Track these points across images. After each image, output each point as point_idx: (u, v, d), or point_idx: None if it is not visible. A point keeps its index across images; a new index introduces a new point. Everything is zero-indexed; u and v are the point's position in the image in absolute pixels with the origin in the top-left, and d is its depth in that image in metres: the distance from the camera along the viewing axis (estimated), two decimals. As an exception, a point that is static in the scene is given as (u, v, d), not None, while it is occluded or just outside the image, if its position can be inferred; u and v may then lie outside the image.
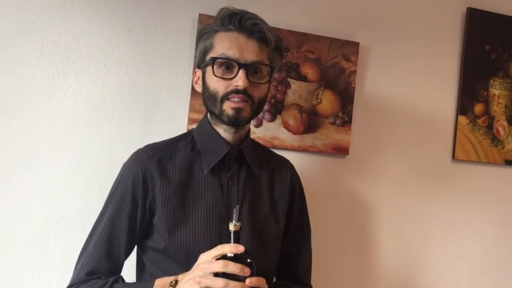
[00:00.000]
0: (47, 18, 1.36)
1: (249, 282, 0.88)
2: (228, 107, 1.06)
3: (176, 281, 0.95)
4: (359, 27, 1.62)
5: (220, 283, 0.87)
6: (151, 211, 1.09)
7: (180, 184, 1.09)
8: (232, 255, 0.89)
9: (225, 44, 1.07)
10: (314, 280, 1.29)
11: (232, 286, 0.87)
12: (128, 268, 1.18)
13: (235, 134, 1.12)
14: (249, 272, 0.88)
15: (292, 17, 1.54)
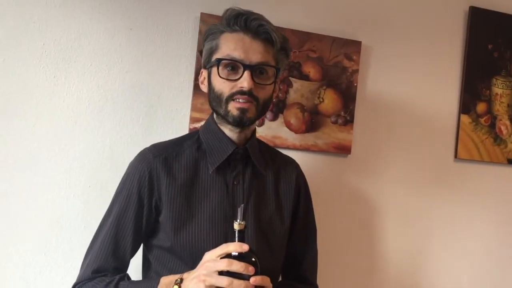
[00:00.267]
0: (48, 17, 1.36)
1: (253, 281, 0.88)
2: (233, 107, 1.07)
3: (181, 279, 0.96)
4: (361, 26, 1.61)
5: (225, 281, 0.87)
6: (157, 209, 1.09)
7: (185, 183, 1.10)
8: (237, 253, 0.89)
9: (230, 45, 1.07)
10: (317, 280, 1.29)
11: (236, 284, 0.87)
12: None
13: (240, 134, 1.12)
14: (253, 270, 0.88)
15: (294, 16, 1.54)
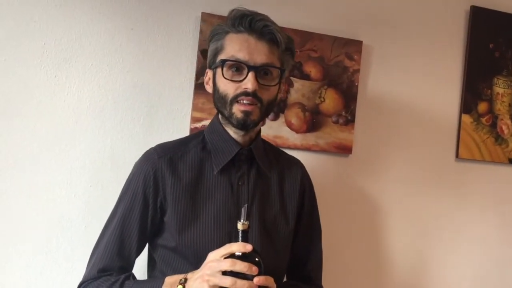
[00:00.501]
0: (49, 17, 1.35)
1: (257, 281, 0.88)
2: (237, 109, 1.07)
3: (185, 279, 0.96)
4: (362, 25, 1.61)
5: (228, 281, 0.88)
6: (162, 209, 1.10)
7: (190, 183, 1.10)
8: (240, 254, 0.90)
9: (235, 46, 1.07)
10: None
11: (240, 284, 0.87)
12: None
13: (245, 136, 1.13)
14: (256, 270, 0.88)
15: (295, 16, 1.54)
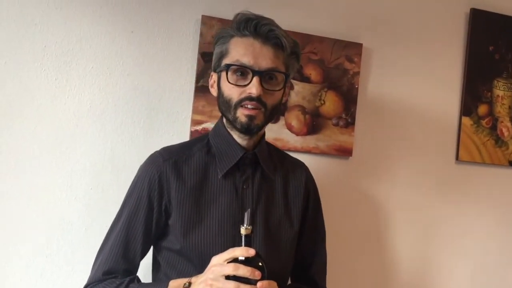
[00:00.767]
0: (50, 19, 1.36)
1: (260, 285, 0.89)
2: (242, 114, 1.07)
3: (189, 283, 0.97)
4: (362, 28, 1.61)
5: (231, 286, 0.88)
6: (167, 212, 1.10)
7: (195, 186, 1.11)
8: (244, 258, 0.90)
9: (240, 50, 1.07)
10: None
11: None
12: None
13: (249, 140, 1.13)
14: (259, 275, 0.89)
15: (295, 18, 1.54)
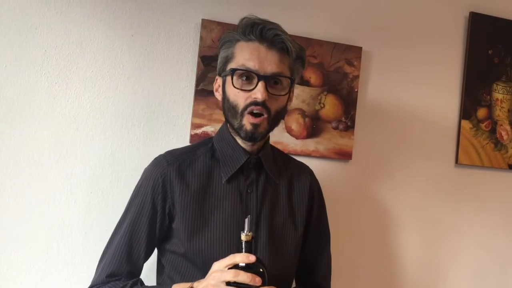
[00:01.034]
0: (50, 23, 1.36)
1: None
2: (248, 122, 1.07)
3: (191, 287, 0.98)
4: (361, 32, 1.62)
5: None
6: (171, 216, 1.11)
7: (199, 190, 1.11)
8: (244, 264, 0.90)
9: (245, 55, 1.07)
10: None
11: None
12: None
13: (253, 145, 1.13)
14: (260, 281, 0.89)
15: (295, 22, 1.55)
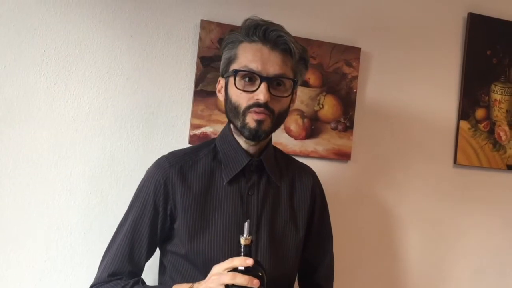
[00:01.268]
0: (49, 24, 1.36)
1: None
2: (251, 119, 1.07)
3: None
4: (360, 32, 1.62)
5: None
6: (172, 217, 1.11)
7: (200, 192, 1.12)
8: (243, 267, 0.91)
9: (248, 56, 1.07)
10: None
11: None
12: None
13: (255, 146, 1.13)
14: (257, 284, 0.89)
15: (294, 22, 1.54)
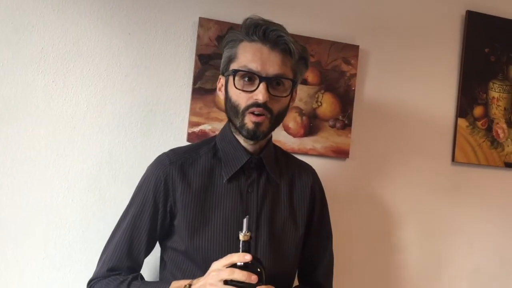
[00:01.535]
0: (47, 21, 1.36)
1: None
2: (249, 120, 1.08)
3: (190, 285, 1.00)
4: (359, 30, 1.62)
5: None
6: (172, 213, 1.12)
7: (200, 189, 1.12)
8: (242, 263, 0.91)
9: (248, 55, 1.08)
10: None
11: None
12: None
13: (255, 144, 1.14)
14: (256, 279, 0.90)
15: (292, 20, 1.54)
